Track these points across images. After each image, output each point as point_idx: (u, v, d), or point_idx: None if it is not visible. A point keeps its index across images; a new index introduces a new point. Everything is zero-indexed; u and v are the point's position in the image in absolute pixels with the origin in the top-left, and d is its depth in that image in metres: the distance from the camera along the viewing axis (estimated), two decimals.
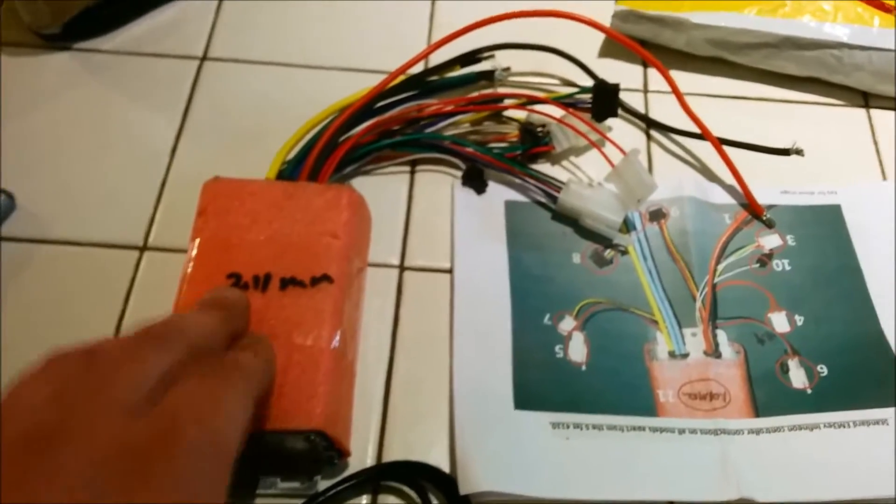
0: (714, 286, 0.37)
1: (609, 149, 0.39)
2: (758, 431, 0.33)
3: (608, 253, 0.38)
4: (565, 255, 0.38)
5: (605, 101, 0.40)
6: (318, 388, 0.30)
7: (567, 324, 0.36)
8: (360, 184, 0.40)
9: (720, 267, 0.38)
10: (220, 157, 0.41)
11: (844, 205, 0.40)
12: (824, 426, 0.33)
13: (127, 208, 0.39)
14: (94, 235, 0.38)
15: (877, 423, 0.33)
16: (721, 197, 0.40)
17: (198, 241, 0.33)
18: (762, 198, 0.40)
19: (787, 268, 0.38)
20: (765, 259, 0.38)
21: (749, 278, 0.38)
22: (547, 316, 0.36)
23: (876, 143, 0.43)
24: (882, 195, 0.41)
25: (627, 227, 0.39)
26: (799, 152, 0.39)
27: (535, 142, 0.40)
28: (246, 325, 0.30)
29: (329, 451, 0.30)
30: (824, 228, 0.40)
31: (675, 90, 0.40)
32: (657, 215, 0.40)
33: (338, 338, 0.31)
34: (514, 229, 0.39)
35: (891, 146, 0.43)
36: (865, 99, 0.45)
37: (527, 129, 0.40)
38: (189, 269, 0.32)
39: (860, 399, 0.34)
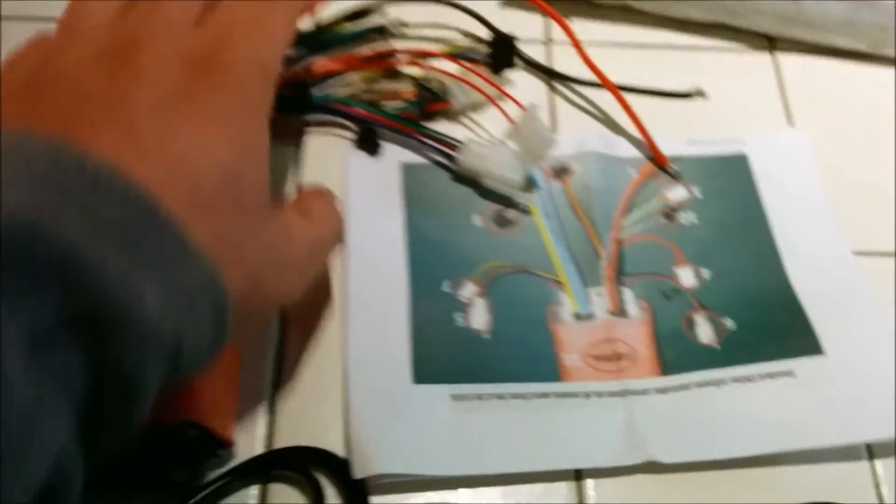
0: (620, 243, 0.36)
1: (510, 105, 0.37)
2: (664, 390, 0.32)
3: (510, 213, 0.37)
4: (465, 217, 0.36)
5: (501, 52, 0.38)
6: (193, 380, 0.28)
7: (467, 290, 0.34)
8: None
9: (625, 222, 0.37)
10: None
11: (752, 154, 0.39)
12: (730, 381, 0.32)
13: None
14: None
15: (783, 374, 0.33)
16: (626, 150, 0.39)
17: None
18: (668, 149, 0.39)
19: (694, 221, 0.37)
20: (671, 213, 0.37)
21: (655, 233, 0.36)
22: (446, 283, 0.34)
23: (783, 88, 0.43)
24: (790, 143, 0.40)
25: (531, 185, 0.37)
26: (701, 94, 0.38)
27: (432, 98, 0.38)
28: None
29: (207, 443, 0.28)
30: (731, 179, 0.38)
31: (571, 38, 0.38)
32: (561, 172, 0.38)
33: None
34: (412, 193, 0.37)
35: (798, 92, 0.42)
36: (771, 43, 0.44)
37: (422, 85, 0.38)
38: None
39: (767, 352, 0.33)
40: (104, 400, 0.19)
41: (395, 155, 0.38)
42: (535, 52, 0.42)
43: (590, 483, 0.30)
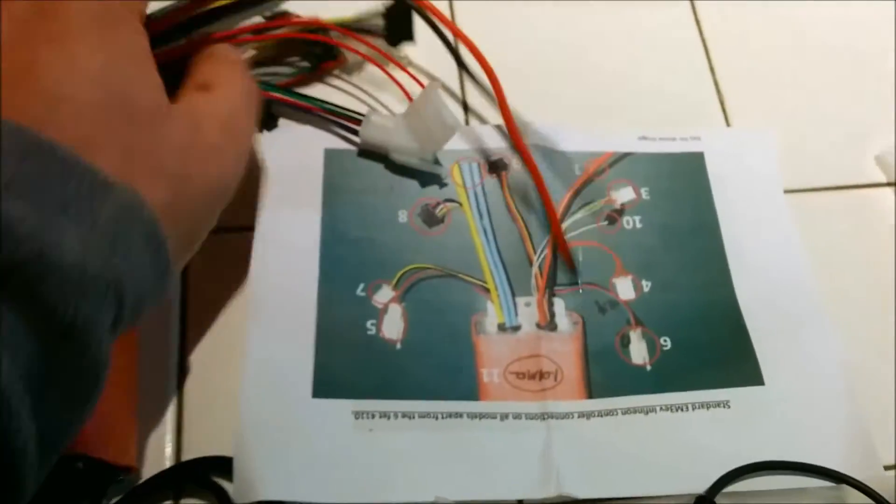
0: (555, 247, 0.33)
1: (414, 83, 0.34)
2: (588, 415, 0.30)
3: (440, 210, 0.34)
4: (391, 213, 0.33)
5: (399, 23, 0.34)
6: None
7: (384, 295, 0.31)
8: None
9: (564, 225, 0.34)
10: None
11: (708, 152, 0.36)
12: (660, 409, 0.30)
13: None
14: None
15: (717, 405, 0.30)
16: (572, 143, 0.36)
17: None
18: (617, 144, 0.36)
19: (638, 225, 0.34)
20: (615, 215, 0.34)
21: (595, 238, 0.34)
22: (361, 286, 0.31)
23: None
24: (751, 140, 0.37)
25: (463, 178, 0.34)
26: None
27: (323, 55, 0.35)
28: None
29: (101, 472, 0.26)
30: (684, 180, 0.35)
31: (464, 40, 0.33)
32: (497, 166, 0.35)
33: None
34: (334, 183, 0.34)
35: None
36: None
37: (311, 43, 0.35)
38: None
39: (702, 377, 0.31)
40: (55, 356, 0.18)
41: (319, 139, 0.34)
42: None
43: None
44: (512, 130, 0.33)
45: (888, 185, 0.36)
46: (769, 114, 0.37)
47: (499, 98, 0.33)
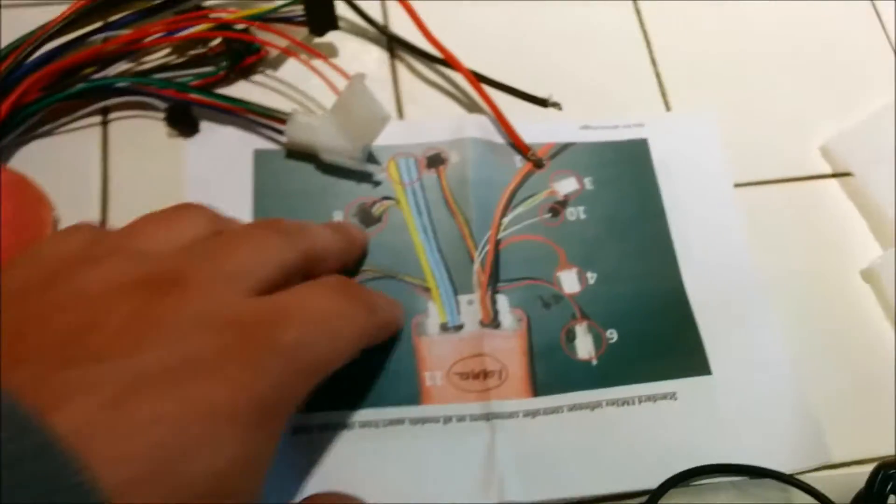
0: (497, 243, 0.32)
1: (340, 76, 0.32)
2: (534, 414, 0.29)
3: (377, 208, 0.32)
4: (325, 214, 0.32)
5: (319, 9, 0.33)
6: None
7: None
8: (35, 152, 0.31)
9: (506, 220, 0.33)
10: None
11: (652, 139, 0.35)
12: (606, 404, 0.29)
13: None
14: None
15: (664, 397, 0.29)
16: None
17: None
18: (558, 135, 0.35)
19: (582, 216, 0.33)
20: (558, 207, 0.33)
21: (538, 232, 0.33)
22: None
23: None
24: (694, 125, 0.36)
25: (400, 174, 0.33)
26: (556, 106, 0.34)
27: (244, 50, 0.33)
28: (356, 267, 0.30)
29: None
30: (628, 168, 0.35)
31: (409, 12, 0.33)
32: (435, 161, 0.34)
33: None
34: (264, 187, 0.32)
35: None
36: None
37: (229, 39, 0.33)
38: None
39: (649, 369, 0.30)
40: None
41: (247, 142, 0.33)
42: (374, 12, 0.36)
43: None
44: (508, 129, 0.34)
45: (833, 175, 0.35)
46: (712, 105, 0.37)
47: (486, 101, 0.33)
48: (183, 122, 0.32)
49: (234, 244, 0.22)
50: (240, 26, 0.33)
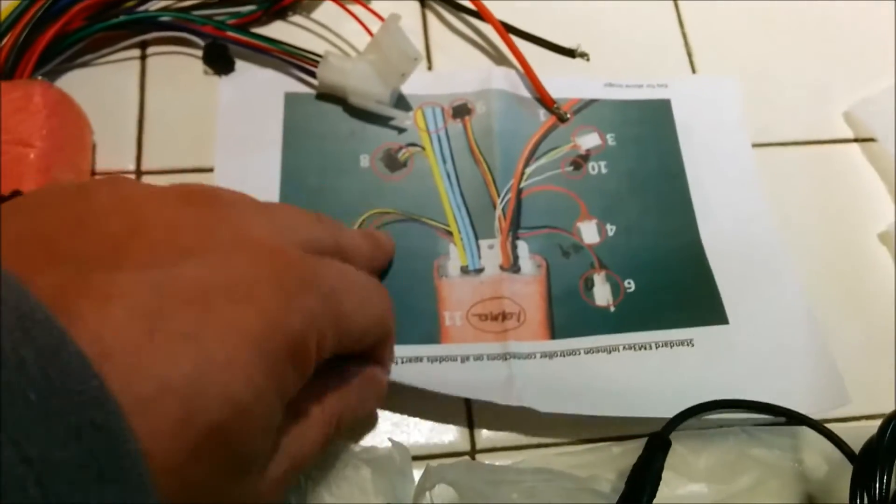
0: (519, 192, 0.33)
1: (374, 20, 0.33)
2: (551, 355, 0.29)
3: (402, 154, 0.33)
4: (352, 158, 0.33)
5: None
6: None
7: None
8: (77, 79, 0.32)
9: (528, 170, 0.33)
10: None
11: (675, 100, 0.36)
12: (623, 348, 0.30)
13: None
14: None
15: (681, 343, 0.30)
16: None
17: None
18: (583, 91, 0.35)
19: (604, 171, 0.34)
20: (580, 161, 0.34)
21: (560, 183, 0.33)
22: None
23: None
24: (717, 88, 0.37)
25: (426, 122, 0.34)
26: (584, 56, 0.34)
27: None
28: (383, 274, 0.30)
29: None
30: (650, 127, 0.35)
31: None
32: (461, 111, 0.34)
33: None
34: (293, 128, 0.33)
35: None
36: None
37: None
38: None
39: (666, 318, 0.30)
40: None
41: (278, 83, 0.34)
42: None
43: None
44: (536, 84, 0.34)
45: (855, 140, 0.36)
46: (738, 68, 0.37)
47: (516, 55, 0.34)
48: (219, 60, 0.33)
49: (279, 206, 0.24)
50: None
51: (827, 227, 0.33)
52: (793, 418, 0.27)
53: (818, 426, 0.27)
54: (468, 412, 0.28)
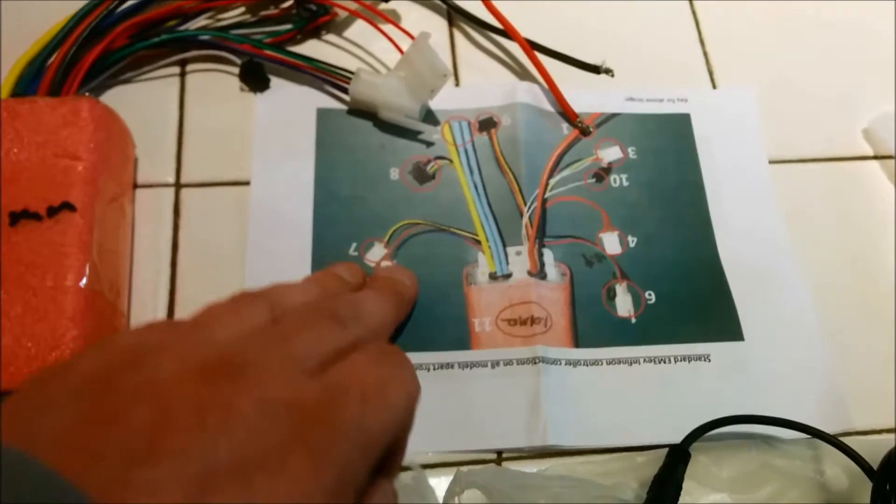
0: (545, 201, 0.34)
1: (403, 38, 0.34)
2: (575, 363, 0.30)
3: (431, 167, 0.34)
4: (382, 170, 0.34)
5: None
6: (65, 336, 0.26)
7: (376, 253, 0.32)
8: (120, 95, 0.34)
9: (553, 181, 0.34)
10: None
11: (694, 113, 0.37)
12: (644, 361, 0.31)
13: None
14: None
15: (699, 358, 0.31)
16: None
17: None
18: (605, 105, 0.36)
19: (625, 183, 0.35)
20: (602, 173, 0.35)
21: (583, 194, 0.34)
22: (353, 245, 0.32)
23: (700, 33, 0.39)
24: (734, 102, 0.38)
25: (453, 136, 0.35)
26: (609, 72, 0.35)
27: (315, 12, 0.35)
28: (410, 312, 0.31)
29: None
30: (670, 140, 0.36)
31: None
32: (487, 124, 0.35)
33: (87, 274, 0.27)
34: (326, 142, 0.34)
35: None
36: None
37: (301, 3, 0.35)
38: None
39: (685, 331, 0.31)
40: None
41: (311, 98, 0.35)
42: None
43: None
44: (560, 99, 0.35)
45: (874, 158, 0.37)
46: (758, 82, 0.38)
47: (540, 71, 0.35)
48: (255, 77, 0.34)
49: (293, 331, 0.23)
50: None
51: (843, 242, 0.34)
52: (808, 432, 0.28)
53: (833, 440, 0.28)
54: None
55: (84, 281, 0.27)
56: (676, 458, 0.27)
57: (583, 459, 0.29)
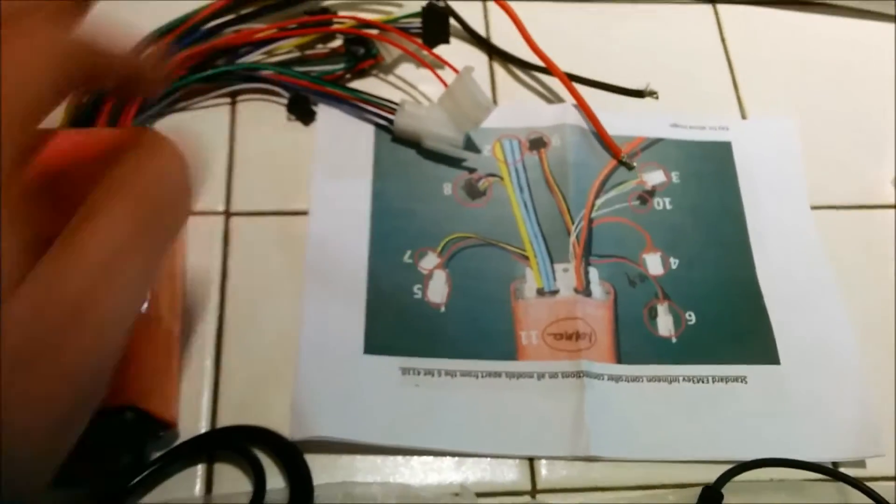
0: (591, 221, 0.35)
1: (446, 70, 0.36)
2: (617, 379, 0.32)
3: (482, 184, 0.36)
4: (435, 185, 0.35)
5: (435, 25, 0.36)
6: (124, 361, 0.26)
7: (429, 262, 0.33)
8: (174, 122, 0.35)
9: (599, 202, 0.36)
10: None
11: (735, 142, 0.38)
12: (683, 379, 0.32)
13: None
14: None
15: (735, 380, 0.32)
16: (607, 127, 0.37)
17: None
18: (649, 131, 0.38)
19: (668, 206, 0.36)
20: (646, 196, 0.36)
21: (627, 216, 0.36)
22: (408, 253, 0.33)
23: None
24: (775, 132, 0.39)
25: (504, 154, 0.36)
26: (653, 94, 0.37)
27: (364, 54, 0.37)
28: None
29: (147, 425, 0.27)
30: (712, 166, 0.37)
31: (516, 22, 0.36)
32: (537, 144, 0.37)
33: (147, 301, 0.28)
34: (382, 160, 0.36)
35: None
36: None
37: (352, 41, 0.37)
38: None
39: (722, 353, 0.32)
40: None
41: (371, 119, 0.37)
42: (472, 14, 0.40)
43: (543, 463, 0.30)
44: (604, 136, 0.37)
45: None
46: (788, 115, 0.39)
47: (584, 108, 0.36)
48: (302, 110, 0.36)
49: None
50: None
51: (877, 283, 0.35)
52: (838, 478, 0.29)
53: (864, 488, 0.28)
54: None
55: (144, 307, 0.27)
56: (708, 500, 0.28)
57: (617, 495, 0.30)
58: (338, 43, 0.37)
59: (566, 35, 0.39)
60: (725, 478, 0.28)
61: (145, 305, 0.27)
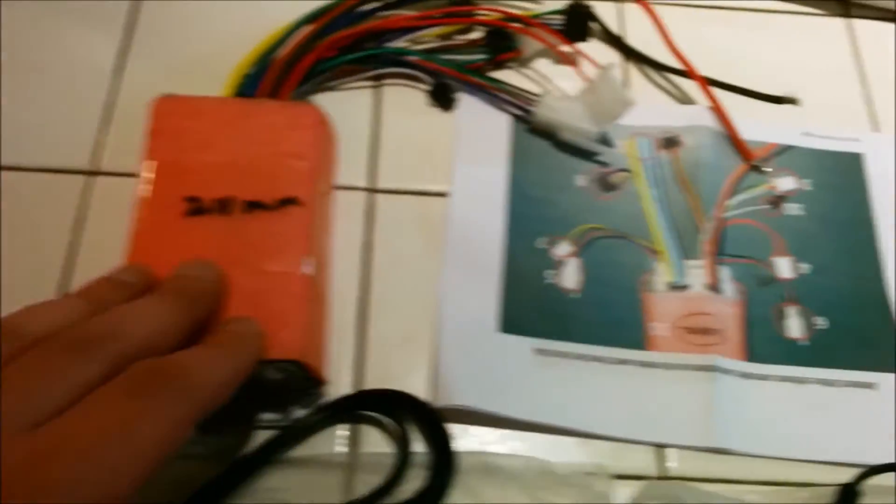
0: (722, 221, 0.35)
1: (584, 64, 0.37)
2: (747, 376, 0.32)
3: (614, 178, 0.36)
4: (568, 177, 0.36)
5: (577, 23, 0.38)
6: (292, 316, 0.28)
7: (562, 249, 0.34)
8: (322, 100, 0.36)
9: (729, 203, 0.36)
10: (173, 75, 0.37)
11: (867, 154, 0.38)
12: (813, 382, 0.32)
13: (69, 131, 0.35)
14: (36, 160, 0.34)
15: (865, 386, 0.32)
16: (741, 131, 0.38)
17: (151, 162, 0.30)
18: (781, 138, 0.38)
19: (800, 213, 0.36)
20: (777, 201, 0.36)
21: (758, 218, 0.36)
22: (541, 239, 0.34)
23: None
24: None
25: (638, 151, 0.37)
26: (792, 101, 0.37)
27: (504, 46, 0.38)
28: (217, 307, 0.26)
29: (306, 380, 0.29)
30: (843, 177, 0.37)
31: (658, 24, 0.37)
32: (671, 143, 0.37)
33: (309, 263, 0.29)
34: (519, 147, 0.37)
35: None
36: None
37: (494, 33, 0.38)
38: (143, 193, 0.29)
39: (851, 359, 0.33)
40: None
41: (501, 112, 0.38)
42: (609, 13, 0.41)
43: (672, 452, 0.30)
44: (734, 137, 0.37)
45: None
46: None
47: (718, 113, 0.37)
48: (443, 97, 0.37)
49: (13, 379, 0.19)
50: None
51: None
52: None
53: None
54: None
55: (307, 268, 0.29)
56: (848, 499, 0.28)
57: (748, 489, 0.30)
58: (476, 34, 0.39)
59: (698, 40, 0.39)
60: (864, 476, 0.28)
61: (310, 268, 0.29)
